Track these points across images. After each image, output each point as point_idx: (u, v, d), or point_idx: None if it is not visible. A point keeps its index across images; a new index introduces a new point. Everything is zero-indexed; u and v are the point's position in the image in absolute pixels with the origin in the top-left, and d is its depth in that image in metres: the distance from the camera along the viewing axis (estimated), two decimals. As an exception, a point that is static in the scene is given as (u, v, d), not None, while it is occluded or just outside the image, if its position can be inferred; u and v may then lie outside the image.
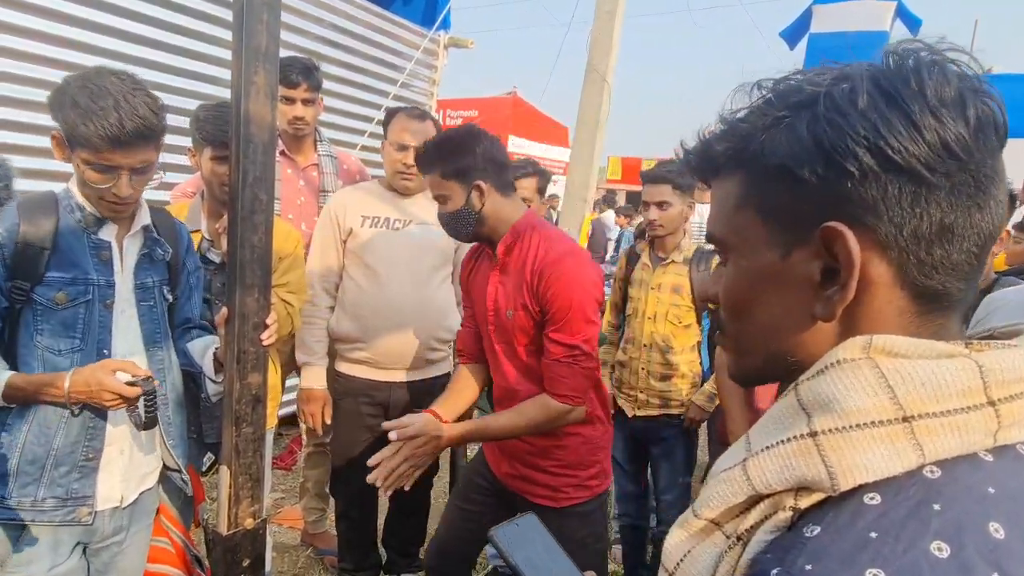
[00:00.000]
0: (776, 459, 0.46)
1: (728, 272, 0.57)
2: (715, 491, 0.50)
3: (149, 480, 1.56)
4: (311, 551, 2.70)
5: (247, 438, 1.56)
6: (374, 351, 2.14)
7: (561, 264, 1.52)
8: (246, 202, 1.47)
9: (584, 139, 5.00)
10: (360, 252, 2.13)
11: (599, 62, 4.84)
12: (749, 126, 0.52)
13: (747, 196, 0.54)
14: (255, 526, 1.60)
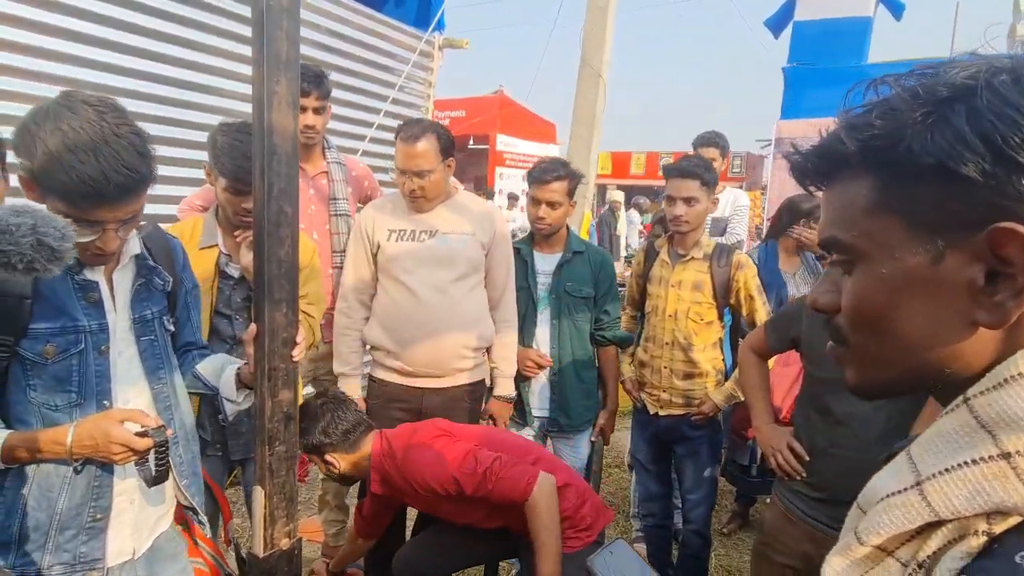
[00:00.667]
0: (963, 483, 0.44)
1: (857, 281, 0.52)
2: (885, 517, 0.47)
3: (163, 523, 1.44)
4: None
5: (280, 456, 1.52)
6: (406, 360, 2.15)
7: (409, 463, 1.82)
8: (271, 215, 1.44)
9: (581, 135, 4.98)
10: (389, 265, 2.15)
11: (593, 57, 4.82)
12: (889, 123, 0.48)
13: (884, 199, 0.50)
14: (291, 546, 1.56)
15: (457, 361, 2.16)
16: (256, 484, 1.51)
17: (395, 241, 2.14)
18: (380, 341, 2.17)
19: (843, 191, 0.53)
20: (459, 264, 2.14)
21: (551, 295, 2.36)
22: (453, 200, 2.21)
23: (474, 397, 2.27)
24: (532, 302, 2.37)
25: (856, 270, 0.53)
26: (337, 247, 2.41)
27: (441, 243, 2.14)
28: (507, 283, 2.28)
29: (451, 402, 2.19)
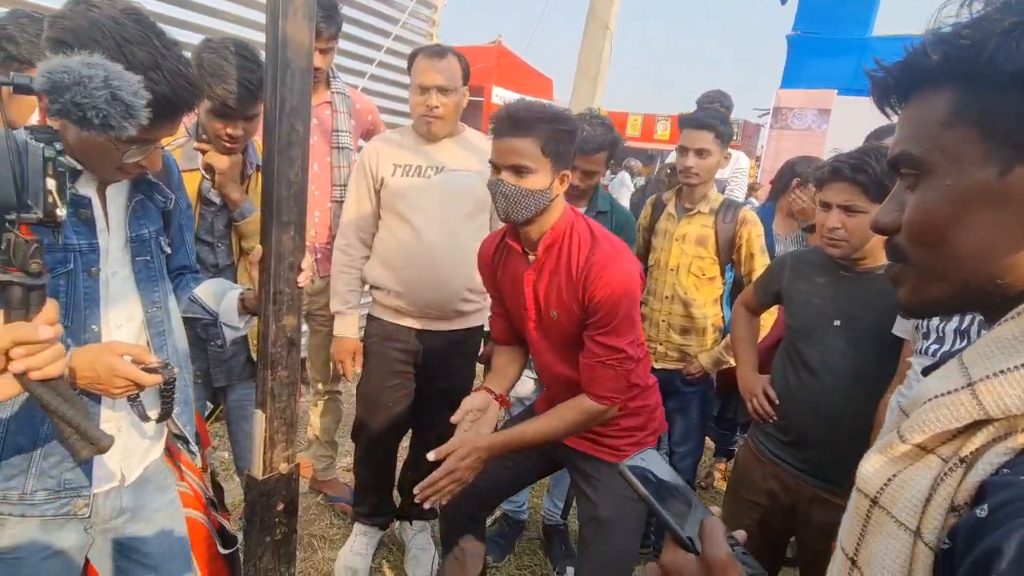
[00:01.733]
0: (1018, 384, 0.45)
1: (923, 196, 0.54)
2: (932, 415, 0.49)
3: (154, 452, 1.39)
4: (321, 498, 2.69)
5: (282, 382, 1.51)
6: (407, 300, 2.11)
7: (608, 269, 1.49)
8: (283, 134, 1.39)
9: (584, 88, 4.88)
10: (393, 201, 2.08)
11: (601, 8, 4.68)
12: (975, 32, 0.49)
13: (963, 110, 0.51)
14: (289, 471, 1.57)
15: (459, 303, 2.13)
16: (257, 408, 1.50)
17: (400, 176, 2.07)
18: (381, 280, 2.12)
19: (921, 106, 0.54)
20: (466, 202, 2.09)
21: None
22: (461, 137, 2.15)
23: (473, 342, 2.25)
24: None
25: (922, 184, 0.54)
26: (337, 181, 2.35)
27: (448, 180, 2.08)
28: None
29: (450, 345, 2.18)
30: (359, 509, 2.38)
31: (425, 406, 2.29)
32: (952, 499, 0.46)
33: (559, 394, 1.67)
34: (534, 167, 1.46)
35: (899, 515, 0.49)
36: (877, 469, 0.52)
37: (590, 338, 1.53)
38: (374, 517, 2.37)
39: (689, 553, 0.68)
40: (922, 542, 0.47)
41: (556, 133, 1.47)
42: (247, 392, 2.02)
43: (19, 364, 0.80)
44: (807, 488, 1.62)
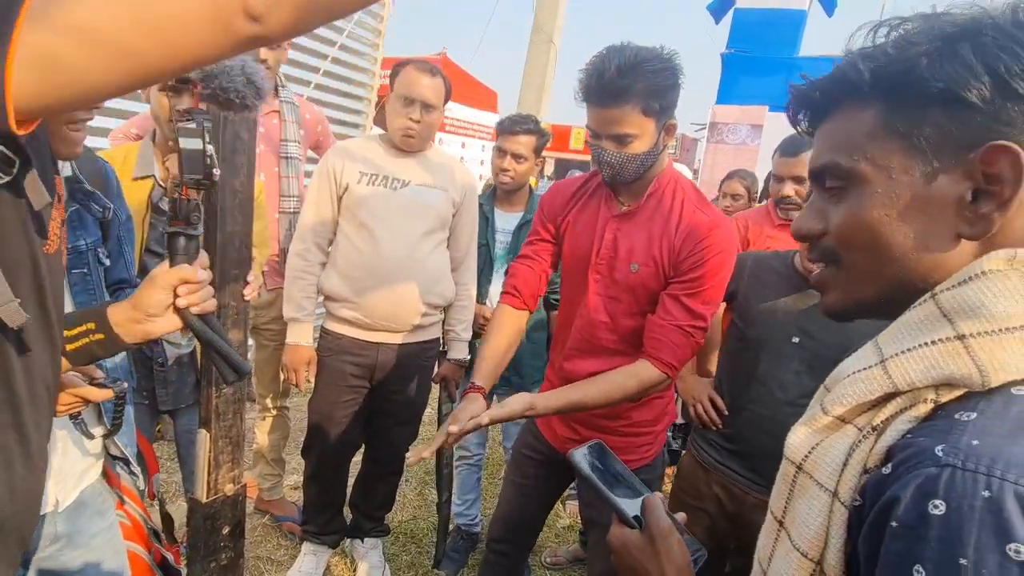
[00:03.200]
0: (921, 359, 0.51)
1: (853, 202, 0.58)
2: (850, 389, 0.54)
3: (91, 475, 1.31)
4: (267, 519, 2.60)
5: (227, 399, 1.46)
6: (363, 311, 2.06)
7: (716, 232, 1.40)
8: (227, 141, 1.35)
9: (529, 102, 4.94)
10: (355, 209, 2.02)
11: (546, 23, 4.77)
12: (903, 52, 0.54)
13: (890, 123, 0.55)
14: (235, 492, 1.51)
15: (416, 317, 2.10)
16: (201, 427, 1.44)
17: (367, 184, 2.03)
18: (337, 290, 2.07)
19: (846, 119, 0.59)
20: (428, 218, 2.06)
21: (509, 254, 2.34)
22: (428, 154, 2.12)
23: (428, 356, 2.23)
24: (489, 259, 2.34)
25: (852, 193, 0.58)
26: (285, 191, 2.30)
27: (413, 194, 2.05)
28: (471, 246, 2.23)
29: (405, 359, 2.14)
30: (308, 527, 2.30)
31: (379, 421, 2.25)
32: (865, 463, 0.51)
33: (586, 360, 1.55)
34: (638, 132, 1.35)
35: (820, 478, 0.54)
36: (802, 439, 0.57)
37: (674, 298, 1.41)
38: (323, 535, 2.30)
39: (634, 529, 0.74)
40: (838, 501, 0.52)
41: (656, 88, 1.32)
42: (197, 417, 1.95)
43: (183, 300, 0.95)
44: (752, 495, 1.60)
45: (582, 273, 1.54)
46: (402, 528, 2.71)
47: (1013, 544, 0.41)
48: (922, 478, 0.45)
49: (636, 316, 1.48)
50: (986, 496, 0.42)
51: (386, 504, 2.39)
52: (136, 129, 2.10)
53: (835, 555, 0.53)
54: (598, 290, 1.51)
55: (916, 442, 0.48)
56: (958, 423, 0.47)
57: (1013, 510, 0.41)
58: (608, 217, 1.50)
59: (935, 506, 0.44)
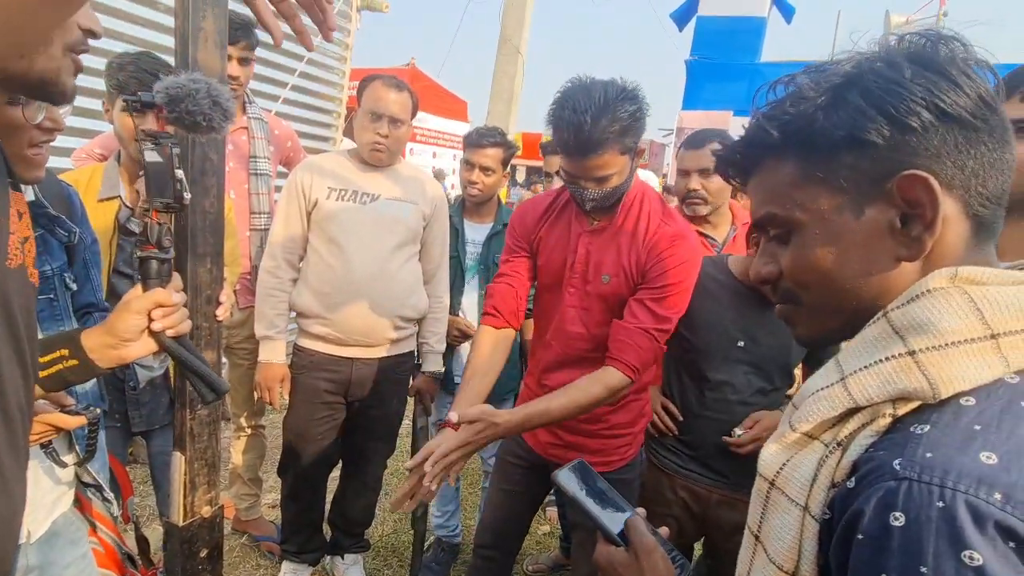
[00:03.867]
0: (876, 376, 0.53)
1: (797, 246, 0.62)
2: (814, 408, 0.57)
3: (63, 504, 1.29)
4: (245, 539, 2.56)
5: (202, 421, 1.44)
6: (336, 327, 2.05)
7: (679, 243, 1.47)
8: (196, 162, 1.34)
9: (499, 112, 4.98)
10: (325, 225, 2.02)
11: (513, 34, 4.81)
12: (800, 108, 0.59)
13: (808, 172, 0.59)
14: (212, 514, 1.49)
15: (390, 331, 2.10)
16: (175, 449, 1.43)
17: (336, 200, 2.03)
18: (309, 306, 2.06)
19: (771, 174, 0.63)
20: (399, 232, 2.06)
21: (480, 265, 2.36)
22: (397, 168, 2.13)
23: (403, 370, 2.23)
24: (460, 271, 2.36)
25: (794, 238, 0.62)
26: (256, 208, 2.29)
27: (384, 208, 2.05)
28: (442, 259, 2.24)
29: (380, 373, 2.14)
30: (287, 546, 2.28)
31: (355, 436, 2.24)
32: (832, 477, 0.54)
33: (563, 371, 1.57)
34: (617, 171, 1.41)
35: (791, 493, 0.57)
36: (773, 455, 0.59)
37: (639, 302, 1.47)
38: (303, 554, 2.28)
39: (619, 547, 0.77)
40: (809, 515, 0.55)
41: (630, 128, 1.37)
42: (171, 438, 1.92)
43: (158, 324, 0.96)
44: (716, 493, 1.65)
45: (556, 287, 1.59)
46: (383, 543, 2.70)
47: (967, 551, 0.43)
48: (882, 491, 0.48)
49: (607, 325, 1.52)
50: (940, 506, 0.45)
51: (365, 520, 2.38)
52: (100, 149, 2.07)
53: (809, 567, 0.55)
54: (572, 302, 1.56)
55: (877, 456, 0.51)
56: (913, 436, 0.49)
57: (965, 519, 0.44)
58: (580, 232, 1.55)
59: (895, 518, 0.46)
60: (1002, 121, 0.56)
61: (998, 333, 0.50)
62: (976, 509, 0.44)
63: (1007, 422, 0.48)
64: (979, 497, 0.44)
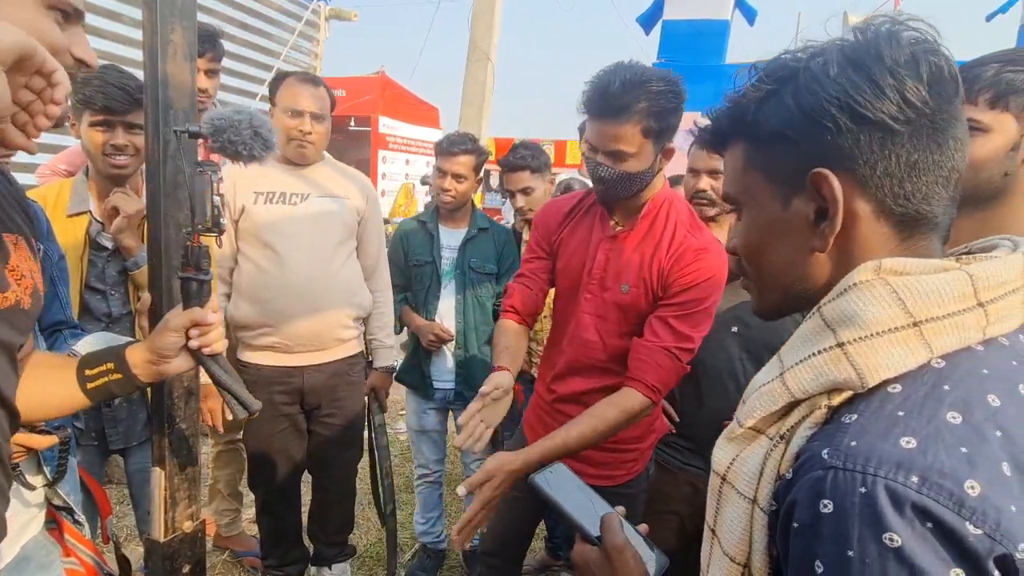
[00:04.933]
0: (810, 369, 0.55)
1: (742, 226, 0.66)
2: (757, 403, 0.59)
3: (32, 528, 1.25)
4: (227, 555, 2.53)
5: (181, 435, 1.43)
6: (282, 335, 2.00)
7: (706, 255, 1.41)
8: (168, 176, 1.34)
9: (470, 118, 5.00)
10: (256, 231, 1.96)
11: (482, 40, 4.84)
12: (746, 101, 0.62)
13: (750, 160, 0.63)
14: (194, 529, 1.48)
15: (339, 331, 2.06)
16: (155, 466, 1.41)
17: (263, 204, 1.97)
18: (249, 318, 1.99)
19: (731, 155, 0.67)
20: (335, 229, 2.02)
21: (456, 270, 2.37)
22: (322, 165, 2.09)
23: (356, 371, 2.20)
24: (436, 276, 2.36)
25: (741, 216, 0.67)
26: (227, 219, 2.27)
27: (316, 206, 2.00)
28: (380, 252, 2.21)
29: (334, 377, 2.11)
30: (268, 561, 2.26)
31: (320, 448, 2.21)
32: (778, 469, 0.56)
33: (574, 378, 1.54)
34: (635, 151, 1.34)
35: (740, 487, 0.59)
36: (724, 451, 0.62)
37: (662, 320, 1.41)
38: (285, 567, 2.26)
39: (594, 547, 0.78)
40: (758, 507, 0.57)
41: (659, 111, 1.32)
42: (150, 455, 1.89)
43: (195, 341, 1.01)
44: None
45: (574, 291, 1.54)
46: (369, 552, 2.69)
47: (887, 533, 0.45)
48: (812, 481, 0.50)
49: (625, 336, 1.48)
50: (862, 492, 0.46)
51: (345, 528, 2.36)
52: (65, 165, 2.04)
53: (760, 558, 0.57)
54: (588, 309, 1.51)
55: (811, 447, 0.53)
56: (842, 426, 0.51)
57: (885, 503, 0.45)
58: (601, 237, 1.50)
59: (824, 505, 0.48)
60: (932, 122, 0.55)
61: (920, 320, 0.52)
62: (894, 492, 0.45)
63: (929, 407, 0.50)
64: (897, 481, 0.46)
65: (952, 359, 0.53)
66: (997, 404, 0.50)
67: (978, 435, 0.48)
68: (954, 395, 0.50)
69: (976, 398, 0.50)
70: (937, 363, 0.52)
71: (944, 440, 0.47)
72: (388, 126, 12.43)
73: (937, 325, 0.52)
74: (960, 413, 0.49)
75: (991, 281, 0.53)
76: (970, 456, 0.47)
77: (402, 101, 12.86)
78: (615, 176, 1.37)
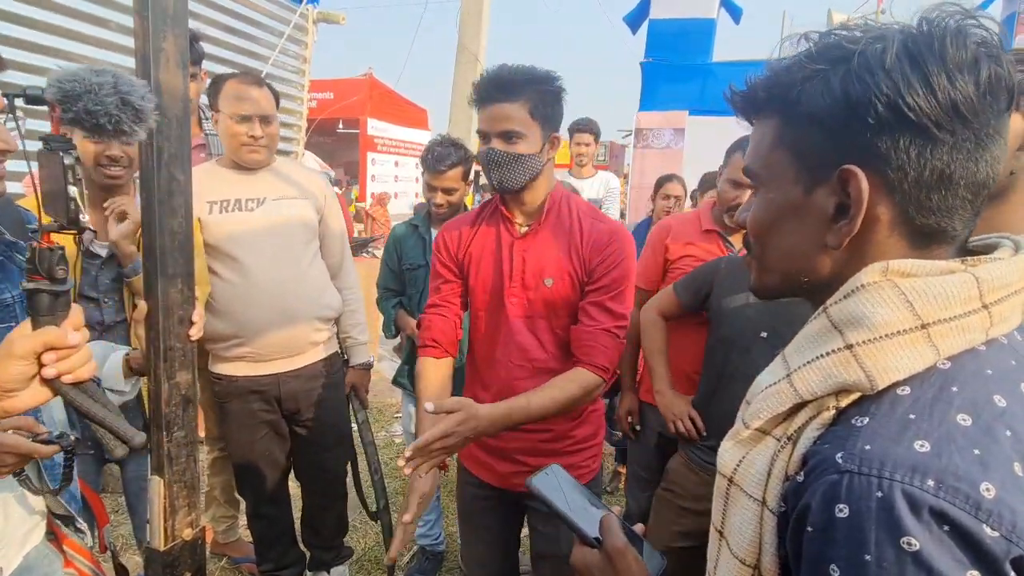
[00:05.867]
0: (818, 370, 0.55)
1: (757, 202, 0.65)
2: (764, 404, 0.59)
3: (34, 537, 1.26)
4: (225, 562, 2.53)
5: (179, 443, 1.43)
6: (254, 345, 1.97)
7: (618, 237, 1.49)
8: (163, 183, 1.34)
9: (460, 119, 5.00)
10: (215, 242, 1.91)
11: (470, 41, 4.85)
12: (790, 76, 0.58)
13: (782, 138, 0.60)
14: (194, 537, 1.47)
15: (312, 335, 2.04)
16: (154, 474, 1.41)
17: (219, 214, 1.91)
18: (218, 330, 1.94)
19: (759, 128, 0.64)
20: (296, 231, 1.99)
21: None
22: (275, 167, 2.04)
23: (333, 372, 2.18)
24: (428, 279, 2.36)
25: (758, 193, 0.65)
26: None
27: (273, 210, 1.95)
28: (344, 249, 2.18)
29: (311, 381, 2.09)
30: (264, 567, 2.26)
31: (306, 451, 2.20)
32: (786, 470, 0.55)
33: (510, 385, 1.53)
34: (524, 132, 1.42)
35: (748, 489, 0.58)
36: (730, 453, 0.62)
37: (596, 304, 1.47)
38: (282, 570, 2.26)
39: (594, 549, 0.77)
40: (767, 509, 0.56)
41: (544, 94, 1.43)
42: (145, 463, 1.88)
43: (51, 369, 0.79)
44: None
45: (496, 300, 1.55)
46: (368, 555, 2.68)
47: (905, 537, 0.45)
48: (827, 485, 0.49)
49: (556, 331, 1.52)
50: (879, 496, 0.46)
51: (339, 530, 2.36)
52: None
53: (770, 559, 0.57)
54: (516, 312, 1.53)
55: (822, 450, 0.52)
56: (854, 429, 0.51)
57: (902, 507, 0.45)
58: (511, 240, 1.53)
59: (840, 510, 0.48)
60: (976, 136, 0.52)
61: (928, 323, 0.52)
62: (911, 497, 0.45)
63: (939, 409, 0.50)
64: (913, 484, 0.46)
65: (957, 360, 0.53)
66: (1004, 404, 0.50)
67: (989, 436, 0.48)
68: (962, 396, 0.50)
69: (983, 399, 0.50)
70: (943, 364, 0.52)
71: (957, 442, 0.48)
72: (377, 128, 12.40)
73: (944, 327, 0.52)
74: (969, 415, 0.49)
75: (996, 283, 0.53)
76: (983, 458, 0.47)
77: (390, 103, 12.83)
78: (508, 158, 1.43)
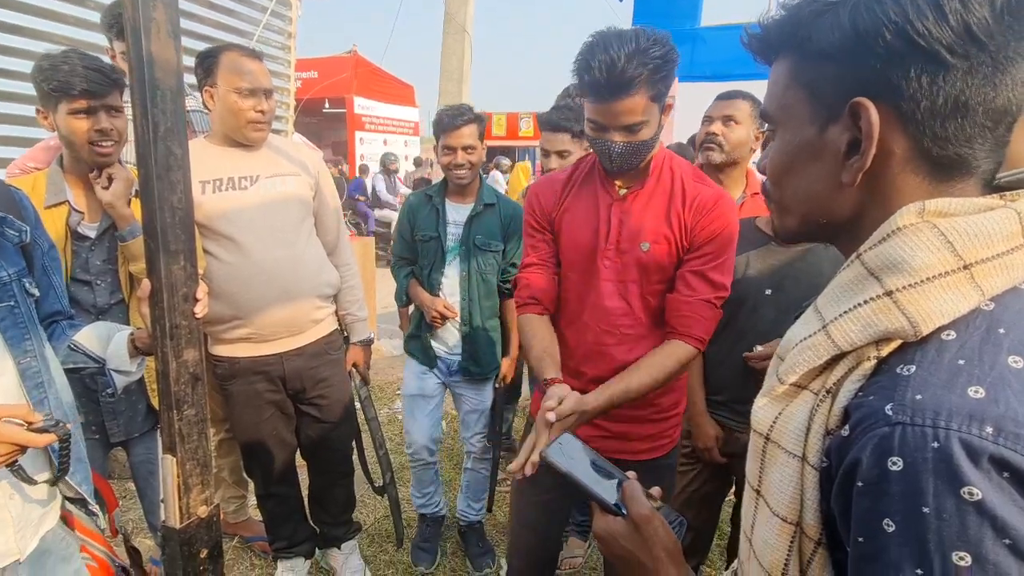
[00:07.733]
0: (857, 320, 0.53)
1: (774, 146, 0.63)
2: (799, 358, 0.57)
3: (50, 519, 1.27)
4: (236, 541, 2.54)
5: (190, 421, 1.42)
6: (255, 326, 1.94)
7: (722, 203, 1.42)
8: (160, 158, 1.30)
9: (450, 92, 4.93)
10: (210, 222, 1.86)
11: (457, 12, 4.76)
12: (801, 13, 0.57)
13: (795, 76, 0.59)
14: (209, 514, 1.47)
15: (313, 312, 2.03)
16: (166, 453, 1.40)
17: (212, 193, 1.86)
18: (217, 312, 1.90)
19: (775, 70, 0.63)
20: (291, 208, 1.95)
21: (461, 246, 2.31)
22: (266, 144, 2.00)
23: (335, 349, 2.18)
24: (441, 252, 2.31)
25: (776, 135, 0.64)
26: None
27: (268, 187, 1.91)
28: (339, 225, 2.16)
29: (314, 359, 2.08)
30: (277, 544, 2.27)
31: (311, 429, 2.19)
32: (826, 425, 0.54)
33: (604, 358, 1.49)
34: (647, 119, 1.34)
35: (787, 446, 0.57)
36: (765, 409, 0.60)
37: (697, 273, 1.42)
38: (294, 547, 2.27)
39: (618, 516, 0.76)
40: (808, 464, 0.55)
41: (661, 74, 1.31)
42: (152, 445, 1.88)
43: None
44: (745, 434, 1.68)
45: (588, 262, 1.50)
46: (376, 528, 2.71)
47: (966, 487, 0.44)
48: (878, 438, 0.48)
49: (647, 297, 1.48)
50: (935, 447, 0.45)
51: (348, 506, 2.37)
52: (34, 163, 1.97)
53: (812, 516, 0.55)
54: (609, 276, 1.48)
55: (868, 402, 0.50)
56: (901, 378, 0.49)
57: (960, 456, 0.44)
58: (610, 202, 1.48)
59: (893, 463, 0.46)
60: (994, 59, 0.50)
61: (970, 263, 0.50)
62: (970, 445, 0.44)
63: (988, 352, 0.48)
64: (971, 433, 0.44)
65: (1001, 300, 0.51)
66: None
67: None
68: (1011, 338, 0.49)
69: None
70: (987, 306, 0.50)
71: (1012, 386, 0.46)
72: (364, 106, 12.22)
73: (987, 266, 0.50)
74: (1021, 356, 0.47)
75: None
76: None
77: (376, 80, 12.63)
78: (631, 149, 1.37)
